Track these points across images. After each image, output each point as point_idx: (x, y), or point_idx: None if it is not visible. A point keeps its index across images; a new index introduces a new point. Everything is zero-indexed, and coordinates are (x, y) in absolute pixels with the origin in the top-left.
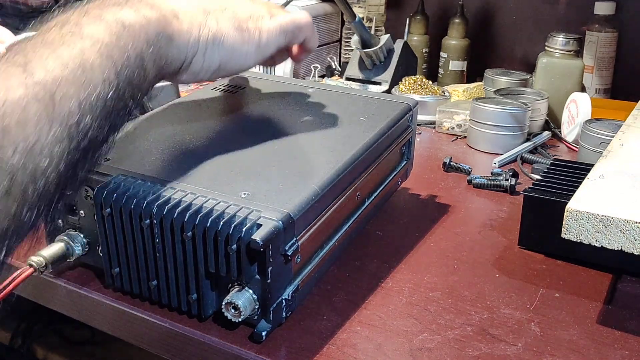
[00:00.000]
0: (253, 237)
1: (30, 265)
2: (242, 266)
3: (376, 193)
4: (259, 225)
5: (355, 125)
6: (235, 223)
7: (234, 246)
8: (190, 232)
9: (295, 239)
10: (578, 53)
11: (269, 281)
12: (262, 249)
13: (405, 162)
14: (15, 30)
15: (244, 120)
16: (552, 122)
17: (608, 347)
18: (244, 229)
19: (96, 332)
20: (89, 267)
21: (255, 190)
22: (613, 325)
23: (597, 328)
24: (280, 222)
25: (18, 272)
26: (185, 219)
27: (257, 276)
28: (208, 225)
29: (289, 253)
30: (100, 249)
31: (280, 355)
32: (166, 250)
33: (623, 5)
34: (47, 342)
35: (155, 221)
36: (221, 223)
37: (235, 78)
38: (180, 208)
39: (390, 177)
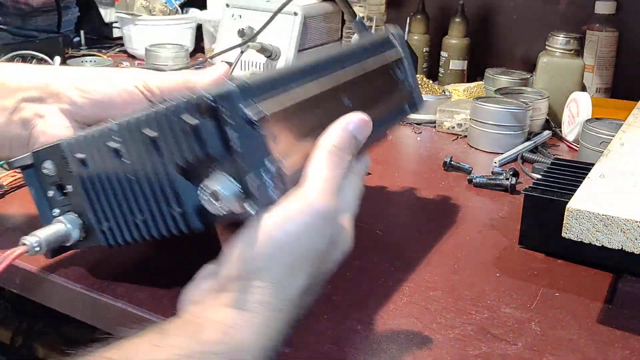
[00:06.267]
0: (203, 95)
1: (24, 244)
2: (204, 137)
3: (374, 108)
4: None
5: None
6: (187, 99)
7: (187, 115)
8: (149, 129)
9: (252, 99)
10: (579, 52)
11: (237, 149)
12: (213, 103)
13: (406, 84)
14: (16, 29)
15: None
16: (553, 122)
17: (608, 347)
18: (195, 97)
19: (97, 331)
20: (89, 265)
21: None
22: (613, 324)
23: (598, 327)
24: (233, 85)
25: (9, 251)
26: (143, 118)
27: (225, 151)
28: (165, 110)
29: (250, 115)
30: (91, 215)
31: (280, 355)
32: (135, 159)
33: (624, 4)
34: (48, 341)
35: (119, 138)
36: (177, 104)
37: None
38: (138, 114)
39: (390, 96)
